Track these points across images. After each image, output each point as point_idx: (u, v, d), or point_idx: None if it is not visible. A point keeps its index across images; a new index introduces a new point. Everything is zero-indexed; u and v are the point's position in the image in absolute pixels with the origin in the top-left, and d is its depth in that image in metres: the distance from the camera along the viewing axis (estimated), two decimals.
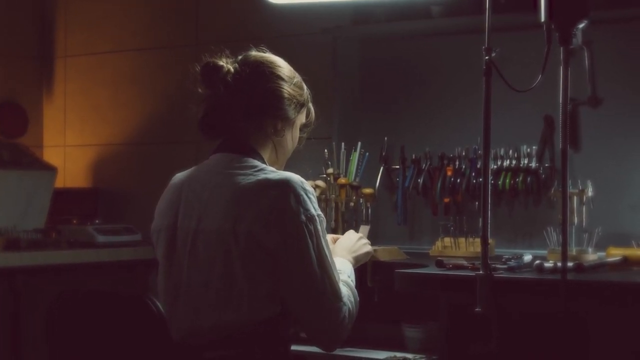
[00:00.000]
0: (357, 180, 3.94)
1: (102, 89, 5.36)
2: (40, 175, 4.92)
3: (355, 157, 3.94)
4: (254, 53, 2.79)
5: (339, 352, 3.52)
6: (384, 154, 4.15)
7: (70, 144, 5.47)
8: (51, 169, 5.00)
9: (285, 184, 2.58)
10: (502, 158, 3.91)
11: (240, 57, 2.77)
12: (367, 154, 3.97)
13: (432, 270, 3.21)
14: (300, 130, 2.86)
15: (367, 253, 3.04)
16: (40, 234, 4.68)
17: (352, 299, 2.69)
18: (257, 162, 2.68)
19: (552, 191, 3.74)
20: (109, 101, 5.33)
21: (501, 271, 3.04)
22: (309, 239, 2.57)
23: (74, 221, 4.88)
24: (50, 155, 5.46)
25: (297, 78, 2.80)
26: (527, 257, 3.23)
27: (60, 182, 5.26)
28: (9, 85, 5.42)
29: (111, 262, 4.69)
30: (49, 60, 5.53)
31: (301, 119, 2.84)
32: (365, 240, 3.05)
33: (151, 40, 5.18)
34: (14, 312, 4.36)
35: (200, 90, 2.77)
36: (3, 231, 4.57)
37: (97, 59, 5.37)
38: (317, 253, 2.58)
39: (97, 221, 4.94)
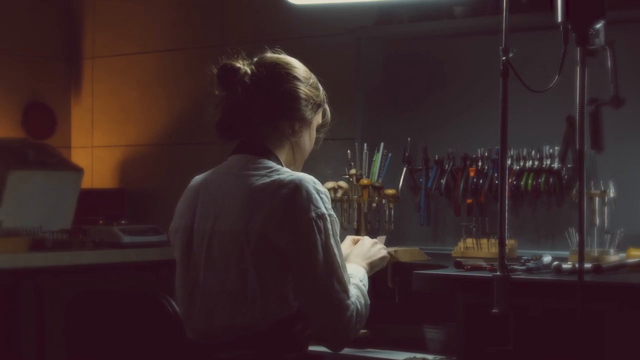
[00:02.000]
0: (380, 181, 3.92)
1: (130, 90, 5.39)
2: (67, 175, 4.94)
3: (378, 157, 3.92)
4: (269, 55, 2.79)
5: (359, 352, 3.52)
6: (406, 154, 4.14)
7: (97, 144, 5.50)
8: (78, 170, 5.02)
9: (297, 184, 2.58)
10: (525, 159, 3.89)
11: (255, 59, 2.77)
12: (390, 154, 3.95)
13: (450, 271, 3.21)
14: (317, 131, 2.86)
15: (383, 258, 3.01)
16: (67, 234, 4.70)
17: (362, 301, 2.67)
18: (271, 164, 2.68)
19: (574, 192, 3.71)
20: (136, 102, 5.36)
21: (519, 272, 3.03)
22: (317, 235, 2.56)
23: (100, 221, 4.90)
24: (78, 156, 5.49)
25: (313, 79, 2.80)
26: (547, 259, 3.21)
27: (87, 183, 5.29)
28: (37, 86, 5.46)
29: (137, 262, 4.70)
30: (77, 62, 5.57)
31: (318, 119, 2.83)
32: (381, 246, 3.03)
33: (177, 41, 5.20)
34: (39, 311, 4.39)
35: (217, 92, 2.78)
36: (29, 231, 4.60)
37: (125, 60, 5.40)
38: (324, 250, 2.57)
39: (123, 221, 4.95)
